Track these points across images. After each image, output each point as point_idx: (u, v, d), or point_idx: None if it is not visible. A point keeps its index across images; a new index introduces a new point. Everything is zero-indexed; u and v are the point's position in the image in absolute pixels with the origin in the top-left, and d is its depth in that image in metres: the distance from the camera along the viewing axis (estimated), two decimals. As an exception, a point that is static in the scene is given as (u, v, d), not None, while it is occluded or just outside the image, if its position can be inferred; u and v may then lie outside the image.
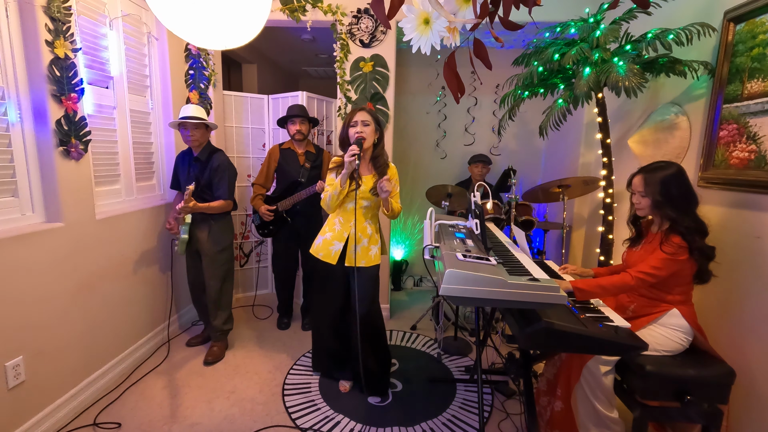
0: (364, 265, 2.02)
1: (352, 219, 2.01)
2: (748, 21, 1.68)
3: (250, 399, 2.12)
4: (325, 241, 2.06)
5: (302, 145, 2.81)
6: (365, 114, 1.95)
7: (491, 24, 0.88)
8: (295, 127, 2.72)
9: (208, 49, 2.85)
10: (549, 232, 3.52)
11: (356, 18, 2.78)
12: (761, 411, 1.57)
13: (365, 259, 2.02)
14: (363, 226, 2.03)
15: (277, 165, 2.82)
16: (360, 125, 1.92)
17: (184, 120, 2.28)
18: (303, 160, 2.79)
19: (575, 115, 2.75)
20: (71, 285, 1.94)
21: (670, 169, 1.56)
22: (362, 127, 1.92)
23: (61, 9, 1.79)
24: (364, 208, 2.02)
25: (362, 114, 1.95)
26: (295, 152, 2.81)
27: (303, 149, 2.81)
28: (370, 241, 2.04)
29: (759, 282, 1.60)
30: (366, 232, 2.03)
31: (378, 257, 2.08)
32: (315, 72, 5.25)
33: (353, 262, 1.99)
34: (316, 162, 2.82)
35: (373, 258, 2.04)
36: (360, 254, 2.02)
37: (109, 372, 2.20)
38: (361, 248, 2.02)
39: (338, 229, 2.03)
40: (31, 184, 1.81)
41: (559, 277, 1.73)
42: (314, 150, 2.85)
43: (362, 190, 1.97)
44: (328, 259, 2.03)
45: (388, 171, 2.00)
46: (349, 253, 2.01)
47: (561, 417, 1.68)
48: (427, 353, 2.66)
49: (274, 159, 2.82)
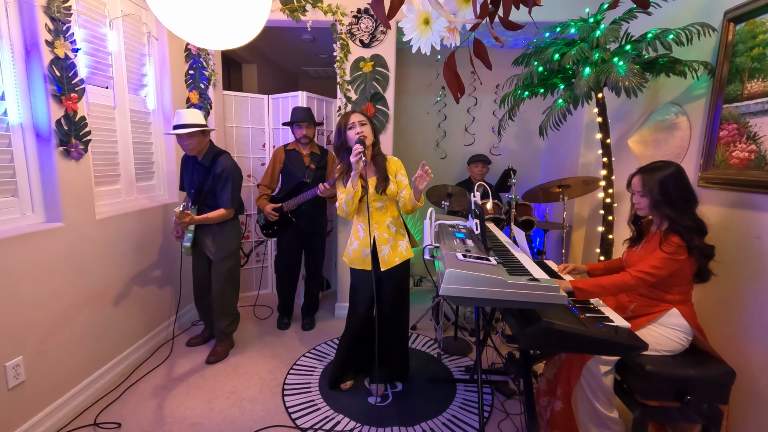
0: (398, 262, 2.03)
1: (372, 222, 2.02)
2: (748, 21, 1.68)
3: (250, 399, 2.12)
4: (354, 250, 2.05)
5: (307, 147, 2.83)
6: (359, 115, 1.97)
7: (491, 24, 0.88)
8: (302, 131, 2.76)
9: (208, 49, 2.85)
10: (549, 232, 3.52)
11: (356, 18, 2.78)
12: (761, 411, 1.57)
13: (398, 256, 2.03)
14: (386, 226, 2.03)
15: (283, 166, 2.84)
16: (358, 126, 1.93)
17: (175, 132, 2.18)
18: (308, 161, 2.81)
19: (575, 115, 2.75)
20: (71, 285, 1.94)
21: (668, 168, 1.56)
22: (360, 127, 1.93)
23: (61, 9, 1.79)
24: (380, 208, 2.02)
25: (356, 115, 1.96)
26: (300, 153, 2.83)
27: (308, 150, 2.83)
28: (396, 239, 2.05)
29: (759, 282, 1.60)
30: (390, 230, 2.03)
31: (409, 250, 2.08)
32: (315, 72, 5.25)
33: (386, 265, 2.01)
34: (321, 163, 2.84)
35: (404, 253, 2.05)
36: (391, 254, 2.02)
37: (109, 372, 2.20)
38: (390, 248, 2.03)
39: (362, 236, 2.02)
40: (31, 184, 1.81)
41: (559, 277, 1.73)
42: (319, 151, 2.87)
43: (371, 192, 1.96)
44: (363, 266, 2.03)
45: (389, 165, 2.02)
46: (379, 256, 2.02)
47: (561, 417, 1.68)
48: (427, 353, 2.66)
49: (279, 160, 2.84)
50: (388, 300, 2.10)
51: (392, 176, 2.01)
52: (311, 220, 2.83)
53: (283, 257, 2.94)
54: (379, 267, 2.02)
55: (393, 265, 2.02)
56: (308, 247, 2.93)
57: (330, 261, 3.70)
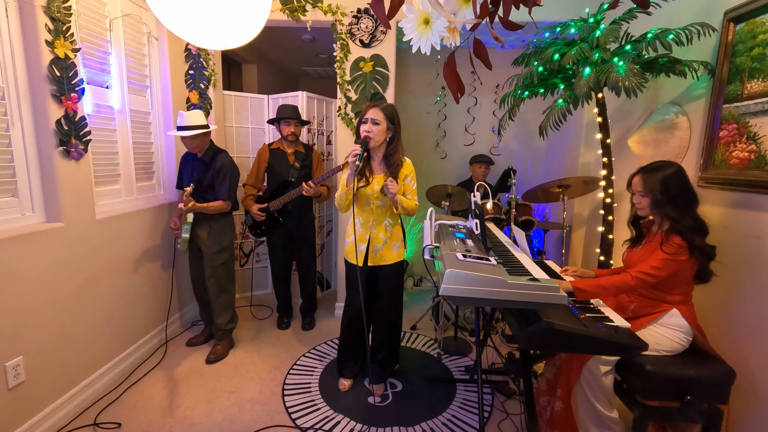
0: (387, 262, 2.05)
1: (371, 219, 2.02)
2: (748, 21, 1.68)
3: (250, 399, 2.12)
4: (351, 244, 2.06)
5: (292, 145, 2.79)
6: (377, 112, 1.89)
7: (491, 24, 0.88)
8: (289, 128, 2.71)
9: (208, 49, 2.85)
10: (549, 232, 3.52)
11: (356, 18, 2.78)
12: (761, 411, 1.57)
13: (388, 257, 2.05)
14: (383, 225, 2.04)
15: (267, 165, 2.81)
16: (369, 123, 1.88)
17: (178, 133, 2.29)
18: (293, 159, 2.77)
19: (575, 115, 2.75)
20: (71, 285, 1.94)
21: (669, 168, 1.56)
22: (371, 126, 1.88)
23: (61, 9, 1.79)
24: (380, 207, 2.02)
25: (374, 111, 1.89)
26: (285, 152, 2.79)
27: (293, 149, 2.79)
28: (391, 239, 2.05)
29: (759, 282, 1.60)
30: (386, 230, 2.04)
31: (401, 254, 2.09)
32: (315, 72, 5.26)
33: (375, 261, 2.04)
34: (306, 161, 2.80)
35: (396, 255, 2.06)
36: (382, 253, 2.04)
37: (109, 372, 2.20)
38: (383, 247, 2.04)
39: (359, 231, 2.03)
40: (31, 184, 1.81)
41: (559, 277, 1.73)
42: (303, 149, 2.83)
43: (376, 189, 1.96)
44: (355, 261, 2.03)
45: (401, 169, 1.98)
46: (371, 253, 2.04)
47: (561, 417, 1.68)
48: (427, 353, 2.66)
49: (264, 159, 2.81)
50: (381, 299, 2.11)
51: (401, 179, 1.99)
52: (298, 219, 2.81)
53: (273, 257, 2.93)
54: (367, 263, 2.04)
55: (381, 264, 2.04)
56: (297, 246, 2.89)
57: (330, 261, 3.70)
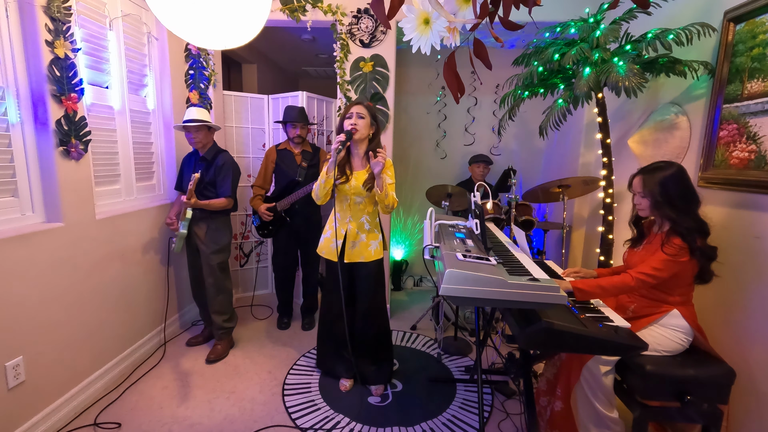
0: (363, 260, 2.05)
1: (348, 215, 2.04)
2: (748, 21, 1.68)
3: (250, 399, 2.12)
4: (326, 239, 2.10)
5: (299, 146, 2.83)
6: (361, 107, 1.98)
7: (491, 24, 0.88)
8: (296, 131, 2.76)
9: (208, 49, 2.85)
10: (549, 232, 3.52)
11: (356, 18, 2.78)
12: (761, 411, 1.57)
13: (364, 254, 2.05)
14: (360, 222, 2.05)
15: (275, 166, 2.85)
16: (355, 117, 1.95)
17: (186, 124, 2.32)
18: (300, 159, 2.81)
19: (575, 115, 2.75)
20: (71, 285, 1.94)
21: (669, 169, 1.55)
22: (356, 120, 1.94)
23: (61, 9, 1.79)
24: (358, 203, 2.03)
25: (358, 107, 1.97)
26: (292, 152, 2.83)
27: (300, 149, 2.84)
28: (368, 237, 2.06)
29: (759, 282, 1.60)
30: (363, 227, 2.05)
31: (379, 252, 2.09)
32: (315, 72, 5.25)
33: (350, 258, 2.04)
34: (313, 161, 2.84)
35: (373, 253, 2.06)
36: (359, 249, 2.05)
37: (109, 372, 2.20)
38: (359, 244, 2.05)
39: (336, 226, 2.05)
40: (31, 184, 1.81)
41: (559, 277, 1.73)
42: (311, 149, 2.87)
43: (354, 185, 1.98)
44: (330, 257, 2.07)
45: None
46: (347, 249, 2.04)
47: (561, 417, 1.68)
48: (427, 353, 2.66)
49: (271, 160, 2.85)
50: (361, 296, 2.12)
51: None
52: (305, 218, 2.84)
53: (279, 257, 2.95)
54: (343, 259, 2.05)
55: (357, 261, 2.05)
56: (303, 246, 2.92)
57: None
